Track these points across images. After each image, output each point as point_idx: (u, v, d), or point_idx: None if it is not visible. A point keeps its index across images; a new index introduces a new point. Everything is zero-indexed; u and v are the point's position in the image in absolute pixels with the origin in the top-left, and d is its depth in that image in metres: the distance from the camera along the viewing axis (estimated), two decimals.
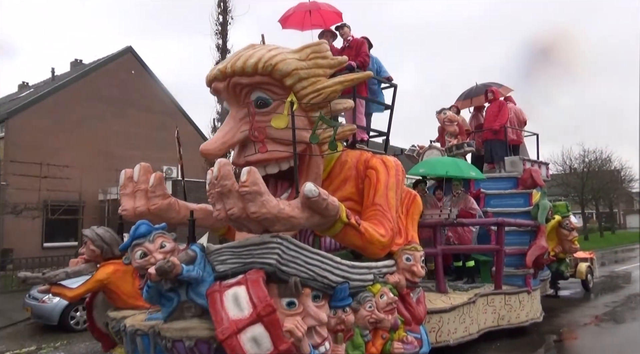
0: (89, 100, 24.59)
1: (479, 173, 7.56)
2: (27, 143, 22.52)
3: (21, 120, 23.53)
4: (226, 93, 4.95)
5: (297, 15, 6.91)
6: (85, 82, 25.27)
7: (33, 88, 28.42)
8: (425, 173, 7.82)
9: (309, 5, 6.88)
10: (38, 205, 20.82)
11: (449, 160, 7.76)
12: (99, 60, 26.87)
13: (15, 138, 23.13)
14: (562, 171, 39.95)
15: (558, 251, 8.43)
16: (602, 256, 22.79)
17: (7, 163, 21.84)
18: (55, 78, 27.19)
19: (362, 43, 6.36)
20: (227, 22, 20.93)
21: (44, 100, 24.39)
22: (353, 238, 4.93)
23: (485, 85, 9.85)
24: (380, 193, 5.49)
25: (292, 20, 6.92)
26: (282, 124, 4.69)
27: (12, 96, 28.59)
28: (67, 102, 24.27)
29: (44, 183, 20.57)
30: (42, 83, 28.17)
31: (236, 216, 4.04)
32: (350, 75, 5.27)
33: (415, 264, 5.34)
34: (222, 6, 21.17)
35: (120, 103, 24.97)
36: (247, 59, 4.79)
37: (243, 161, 5.03)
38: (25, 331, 9.10)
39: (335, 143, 4.73)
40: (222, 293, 3.95)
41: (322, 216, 4.39)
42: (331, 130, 5.28)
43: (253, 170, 4.00)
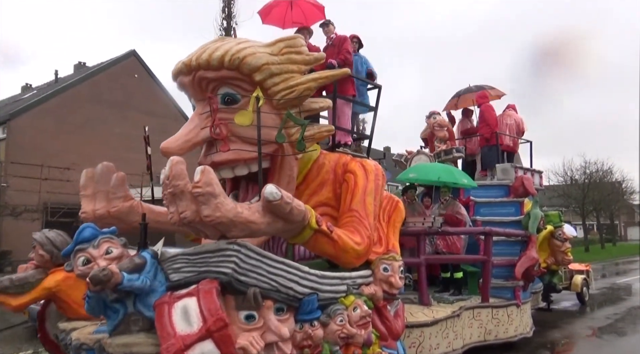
0: (91, 102, 24.34)
1: (471, 180, 7.11)
2: (28, 145, 22.27)
3: (23, 121, 23.32)
4: (191, 88, 4.54)
5: (278, 10, 6.52)
6: (88, 85, 25.05)
7: (36, 90, 28.24)
8: (416, 179, 7.38)
9: None
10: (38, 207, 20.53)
11: (441, 166, 7.33)
12: (102, 63, 26.66)
13: (16, 140, 22.88)
14: (563, 182, 39.51)
15: (550, 263, 7.94)
16: (602, 268, 22.35)
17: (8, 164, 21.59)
18: (59, 81, 27.01)
19: (344, 40, 5.95)
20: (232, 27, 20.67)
21: (46, 102, 24.18)
22: (325, 246, 4.50)
23: (478, 87, 9.45)
24: (358, 199, 5.06)
25: (273, 16, 6.53)
26: (246, 121, 4.27)
27: (15, 98, 28.43)
28: (69, 104, 24.03)
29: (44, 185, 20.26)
30: (45, 86, 27.98)
31: (189, 220, 3.62)
32: (326, 72, 4.86)
33: (393, 275, 4.90)
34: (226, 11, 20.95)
35: (122, 106, 24.70)
36: (213, 51, 4.38)
37: (209, 161, 4.61)
38: (23, 334, 8.75)
39: (303, 143, 4.31)
40: (171, 305, 3.52)
41: (286, 222, 3.96)
42: (307, 130, 4.90)
43: (207, 170, 3.58)
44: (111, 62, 25.96)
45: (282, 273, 3.98)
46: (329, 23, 6.10)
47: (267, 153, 4.62)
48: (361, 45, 6.17)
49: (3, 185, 21.61)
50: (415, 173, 7.29)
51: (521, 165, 8.84)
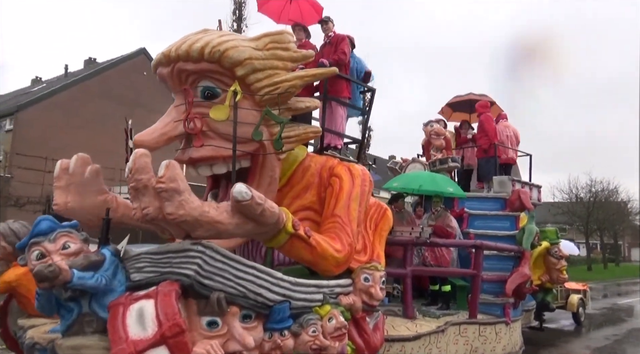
0: (99, 98, 24.26)
1: (459, 190, 6.82)
2: (35, 137, 22.18)
3: (31, 114, 23.27)
4: (170, 80, 4.31)
5: (276, 3, 6.29)
6: (98, 81, 24.99)
7: (46, 83, 28.25)
8: (398, 188, 7.10)
9: None
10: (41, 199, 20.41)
11: (426, 174, 7.07)
12: (112, 59, 26.63)
13: (23, 132, 22.82)
14: (568, 199, 38.99)
15: (545, 280, 7.60)
16: (604, 288, 21.95)
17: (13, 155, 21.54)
18: (68, 75, 26.98)
19: (342, 40, 5.71)
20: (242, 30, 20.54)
21: (55, 96, 24.13)
22: (302, 252, 4.25)
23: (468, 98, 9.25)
24: (342, 204, 4.80)
25: (270, 7, 6.30)
26: (222, 116, 4.03)
27: (25, 90, 28.44)
28: (78, 99, 23.95)
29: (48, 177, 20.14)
30: (55, 79, 27.98)
31: (151, 216, 3.38)
32: (313, 70, 4.61)
33: (373, 285, 4.63)
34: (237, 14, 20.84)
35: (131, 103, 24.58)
36: (193, 42, 4.15)
37: (186, 157, 4.38)
38: None
39: (281, 142, 4.07)
40: (126, 306, 3.28)
41: (258, 224, 3.71)
42: (291, 129, 4.67)
43: (172, 164, 3.35)
44: (121, 59, 25.93)
45: (251, 278, 3.73)
46: (329, 20, 5.87)
47: (246, 151, 4.39)
48: (353, 46, 5.93)
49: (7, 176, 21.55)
50: (399, 182, 7.07)
51: (519, 177, 8.53)
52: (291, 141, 4.69)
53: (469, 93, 9.53)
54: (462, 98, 9.50)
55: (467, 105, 9.55)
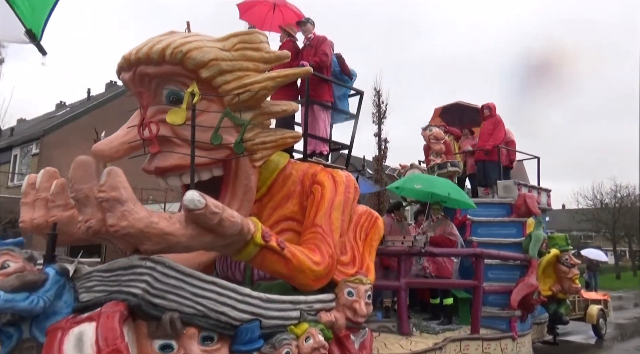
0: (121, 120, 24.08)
1: (463, 196, 6.27)
2: (59, 160, 22.21)
3: (56, 137, 23.45)
4: (133, 85, 3.97)
5: (259, 10, 5.96)
6: (119, 103, 25.04)
7: (69, 107, 28.56)
8: (422, 190, 6.26)
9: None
10: None
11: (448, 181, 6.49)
12: None
13: (48, 155, 22.99)
14: (593, 206, 37.59)
15: (556, 291, 6.94)
16: (635, 297, 20.76)
17: None
18: (91, 99, 27.23)
19: (322, 41, 5.33)
20: None
21: (78, 119, 24.31)
22: (275, 265, 3.84)
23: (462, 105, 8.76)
24: (323, 213, 4.38)
25: (253, 14, 5.97)
26: (179, 120, 3.66)
27: (49, 115, 28.81)
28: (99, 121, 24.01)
29: None
30: (78, 103, 28.27)
31: (94, 229, 3.03)
32: (285, 70, 4.22)
33: (358, 300, 4.16)
34: None
35: None
36: (154, 44, 3.81)
37: (153, 167, 4.01)
38: None
39: (242, 145, 3.68)
40: (65, 331, 2.90)
41: (217, 236, 3.30)
42: (267, 135, 4.28)
43: (114, 172, 2.98)
44: None
45: (211, 296, 3.32)
46: (307, 21, 5.50)
47: (216, 158, 4.01)
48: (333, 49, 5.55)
49: None
50: (423, 185, 6.24)
51: (526, 180, 7.94)
52: (267, 147, 4.31)
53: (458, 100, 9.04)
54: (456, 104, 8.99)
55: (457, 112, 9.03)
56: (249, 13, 6.01)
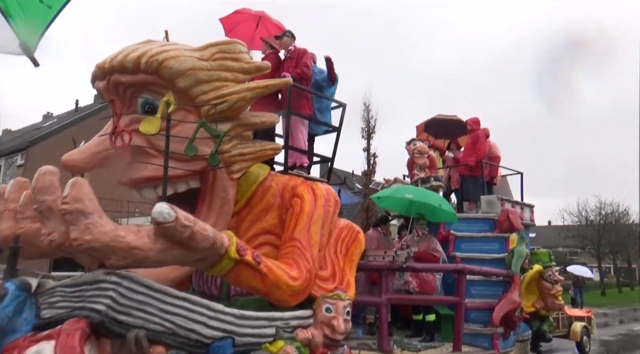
0: None
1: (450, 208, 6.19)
2: None
3: (42, 149, 23.06)
4: (107, 94, 3.86)
5: (246, 28, 5.91)
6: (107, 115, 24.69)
7: (56, 118, 28.23)
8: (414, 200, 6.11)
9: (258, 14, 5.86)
10: None
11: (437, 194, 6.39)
12: None
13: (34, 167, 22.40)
14: (578, 222, 37.85)
15: (539, 307, 6.85)
16: (620, 314, 20.75)
17: None
18: (79, 110, 26.93)
19: (303, 53, 5.27)
20: None
21: (65, 130, 23.98)
22: (251, 280, 3.71)
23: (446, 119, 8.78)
24: (302, 226, 4.26)
25: (240, 32, 5.91)
26: (153, 129, 3.55)
27: (36, 126, 28.43)
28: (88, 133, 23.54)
29: None
30: (65, 115, 27.96)
31: (57, 243, 2.88)
32: (264, 81, 4.14)
33: (336, 316, 4.03)
34: None
35: None
36: (129, 53, 3.72)
37: (127, 179, 3.89)
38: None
39: (217, 157, 3.57)
40: (22, 350, 2.74)
41: (188, 250, 3.17)
42: (246, 146, 4.18)
43: (78, 182, 2.85)
44: None
45: (181, 312, 3.18)
46: (284, 35, 5.44)
47: (191, 169, 3.90)
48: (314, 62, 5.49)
49: None
50: (413, 194, 6.09)
51: (510, 196, 7.89)
52: (246, 159, 4.20)
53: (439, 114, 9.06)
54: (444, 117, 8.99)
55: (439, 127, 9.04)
56: (235, 31, 5.95)
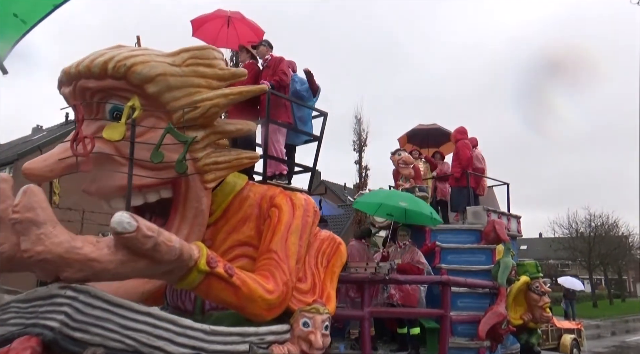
0: None
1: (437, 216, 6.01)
2: None
3: None
4: (73, 100, 3.69)
5: (212, 26, 5.76)
6: None
7: (46, 131, 27.99)
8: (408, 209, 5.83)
9: (230, 14, 5.73)
10: None
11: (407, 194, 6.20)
12: None
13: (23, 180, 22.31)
14: (568, 234, 37.89)
15: (527, 320, 6.67)
16: (612, 325, 20.67)
17: None
18: (69, 123, 26.71)
19: (280, 61, 5.15)
20: None
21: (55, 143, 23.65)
22: (223, 294, 3.50)
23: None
24: (279, 238, 4.08)
25: (205, 30, 5.77)
26: (116, 136, 3.37)
27: (25, 139, 28.17)
28: None
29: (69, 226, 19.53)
30: (55, 127, 27.72)
31: (7, 255, 2.69)
32: (239, 87, 4.00)
33: (314, 331, 3.83)
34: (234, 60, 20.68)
35: None
36: (96, 57, 3.56)
37: (94, 189, 3.69)
38: None
39: (185, 164, 3.39)
40: None
41: (153, 262, 2.97)
42: (220, 155, 4.02)
43: (30, 191, 2.67)
44: None
45: (144, 328, 2.97)
46: (261, 44, 5.33)
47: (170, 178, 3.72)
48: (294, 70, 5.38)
49: None
50: (407, 203, 5.78)
51: (496, 207, 7.75)
52: (221, 168, 4.04)
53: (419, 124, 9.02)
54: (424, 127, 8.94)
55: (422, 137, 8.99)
56: (201, 30, 5.82)
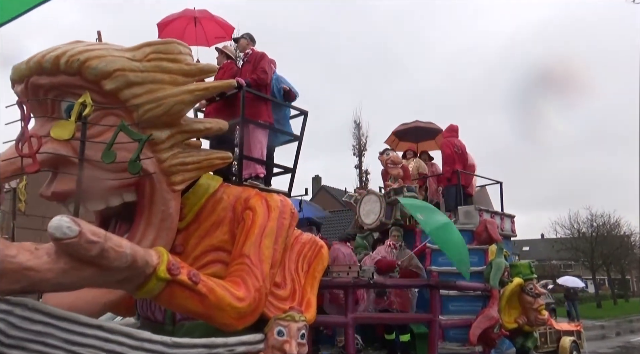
0: None
1: None
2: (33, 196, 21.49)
3: None
4: (26, 98, 3.42)
5: (177, 25, 5.52)
6: None
7: None
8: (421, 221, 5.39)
9: (197, 13, 5.50)
10: None
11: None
12: None
13: None
14: (570, 235, 37.41)
15: (522, 323, 6.33)
16: (617, 325, 20.28)
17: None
18: None
19: (261, 57, 4.88)
20: None
21: None
22: (187, 303, 3.22)
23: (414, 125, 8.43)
24: (252, 241, 3.80)
25: (170, 30, 5.54)
26: (65, 134, 3.11)
27: None
28: None
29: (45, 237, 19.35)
30: None
31: None
32: (205, 83, 3.75)
33: (288, 340, 3.55)
34: None
35: None
36: (48, 52, 3.31)
37: (49, 193, 3.43)
38: None
39: (139, 164, 3.12)
40: None
41: (102, 270, 2.70)
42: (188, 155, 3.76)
43: None
44: None
45: (94, 343, 2.71)
46: (241, 37, 5.07)
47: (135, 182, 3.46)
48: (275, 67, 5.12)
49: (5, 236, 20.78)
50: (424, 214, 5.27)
51: (490, 206, 7.44)
52: (189, 169, 3.78)
53: (415, 120, 8.72)
54: (408, 126, 8.68)
55: (412, 134, 8.71)
56: (166, 30, 5.60)
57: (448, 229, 5.17)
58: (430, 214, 5.25)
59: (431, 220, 5.17)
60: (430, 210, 5.42)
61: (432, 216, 5.23)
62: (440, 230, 5.09)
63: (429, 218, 5.20)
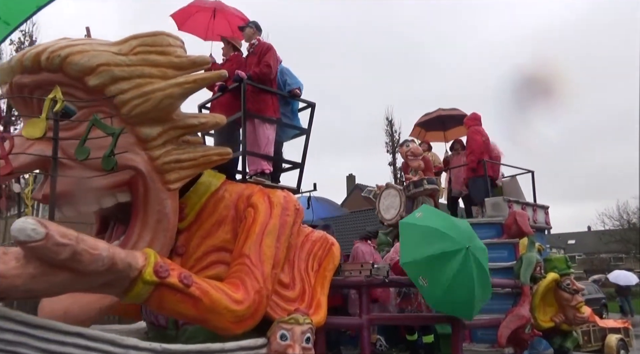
0: None
1: None
2: None
3: None
4: (12, 99, 3.32)
5: (200, 18, 5.34)
6: None
7: None
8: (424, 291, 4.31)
9: (213, 4, 5.30)
10: None
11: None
12: None
13: None
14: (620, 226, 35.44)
15: (559, 321, 5.79)
16: None
17: None
18: None
19: (267, 49, 4.64)
20: None
21: None
22: (180, 307, 3.03)
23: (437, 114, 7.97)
24: (253, 240, 3.59)
25: (193, 23, 5.36)
26: (37, 132, 2.96)
27: None
28: None
29: None
30: None
31: None
32: (194, 75, 3.52)
33: (292, 344, 3.29)
34: None
35: None
36: (29, 50, 3.20)
37: (40, 196, 3.31)
38: None
39: (113, 159, 2.93)
40: None
41: (77, 275, 2.52)
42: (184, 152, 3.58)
43: None
44: None
45: (73, 351, 2.53)
46: (247, 26, 4.83)
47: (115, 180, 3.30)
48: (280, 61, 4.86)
49: None
50: (427, 279, 4.25)
51: (522, 197, 6.91)
52: (185, 166, 3.60)
53: (437, 109, 8.27)
54: (431, 115, 8.24)
55: (438, 122, 8.27)
56: (188, 23, 5.40)
57: (460, 280, 4.06)
58: (439, 265, 4.09)
59: (438, 282, 4.09)
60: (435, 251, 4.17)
61: (440, 271, 4.08)
62: (448, 293, 4.03)
63: (436, 275, 4.11)
